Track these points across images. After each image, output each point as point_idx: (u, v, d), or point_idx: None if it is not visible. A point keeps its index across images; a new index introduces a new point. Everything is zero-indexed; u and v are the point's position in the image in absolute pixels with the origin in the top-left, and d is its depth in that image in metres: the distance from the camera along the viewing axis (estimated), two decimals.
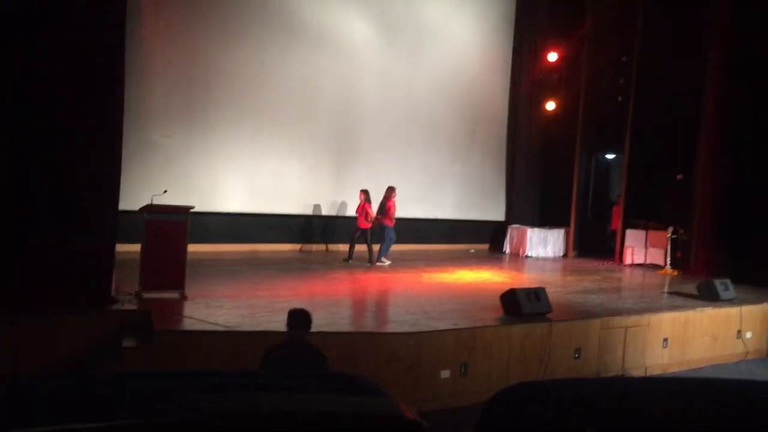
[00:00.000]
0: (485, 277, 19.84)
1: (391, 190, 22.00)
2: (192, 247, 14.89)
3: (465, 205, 27.79)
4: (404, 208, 24.33)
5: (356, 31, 24.29)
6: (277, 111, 22.93)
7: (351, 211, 24.04)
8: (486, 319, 13.87)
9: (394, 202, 21.93)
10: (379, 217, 21.77)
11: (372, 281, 18.21)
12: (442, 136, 26.95)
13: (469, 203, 27.99)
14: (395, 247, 23.03)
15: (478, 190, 28.17)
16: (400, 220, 22.97)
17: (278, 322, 11.91)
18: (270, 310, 13.46)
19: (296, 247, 23.90)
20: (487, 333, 13.20)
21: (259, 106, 22.57)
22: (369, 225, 21.42)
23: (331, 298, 15.17)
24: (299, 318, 9.29)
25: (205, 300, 14.07)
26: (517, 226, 27.94)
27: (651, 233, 25.12)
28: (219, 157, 21.99)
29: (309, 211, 23.93)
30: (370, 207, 21.67)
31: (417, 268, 21.26)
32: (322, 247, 24.36)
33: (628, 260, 25.47)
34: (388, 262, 21.66)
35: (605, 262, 25.72)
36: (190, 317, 12.62)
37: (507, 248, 27.65)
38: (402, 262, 22.45)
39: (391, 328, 12.96)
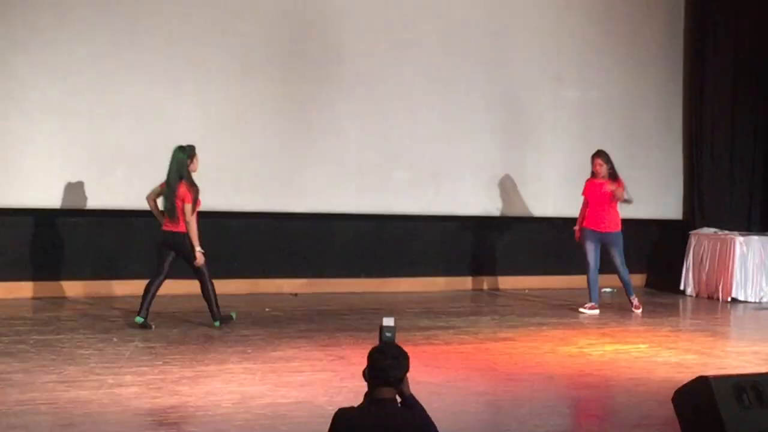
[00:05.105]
0: (639, 352, 10.66)
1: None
2: None
3: None
4: (454, 198, 14.88)
5: None
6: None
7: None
8: None
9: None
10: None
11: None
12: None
13: None
14: (426, 285, 15.03)
15: (619, 163, 13.60)
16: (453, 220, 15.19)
17: None
18: None
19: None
20: None
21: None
22: None
23: None
24: (385, 361, 5.14)
25: None
26: (713, 232, 15.47)
27: None
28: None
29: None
30: None
31: (479, 327, 11.90)
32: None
33: None
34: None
35: None
36: None
37: (689, 283, 15.35)
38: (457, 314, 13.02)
39: None
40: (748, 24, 16.27)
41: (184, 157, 10.85)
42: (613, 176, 13.03)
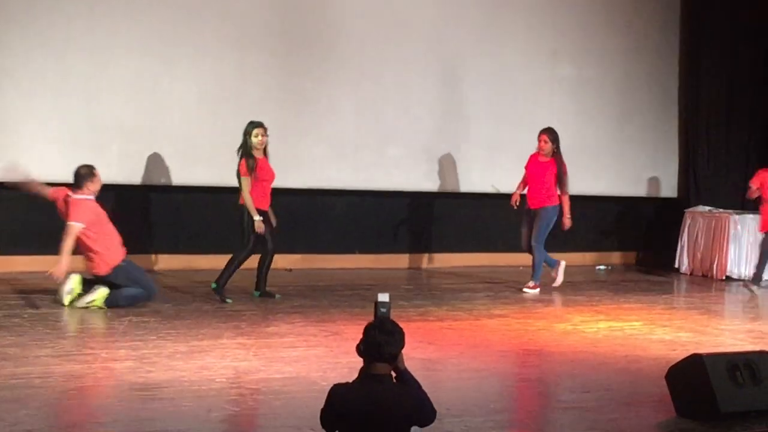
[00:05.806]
0: (633, 330, 10.60)
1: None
2: None
3: (586, 169, 15.04)
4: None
5: None
6: None
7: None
8: (638, 427, 6.90)
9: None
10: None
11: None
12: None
13: (596, 166, 15.59)
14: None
15: (615, 141, 16.06)
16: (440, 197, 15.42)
17: None
18: None
19: None
20: None
21: None
22: None
23: None
24: (380, 336, 5.18)
25: None
26: (707, 210, 15.64)
27: None
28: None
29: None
30: None
31: (473, 304, 11.93)
32: None
33: None
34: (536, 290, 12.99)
35: None
36: None
37: (683, 262, 15.61)
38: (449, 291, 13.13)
39: None
40: (747, 2, 16.26)
41: (244, 132, 11.41)
42: (557, 155, 12.91)
